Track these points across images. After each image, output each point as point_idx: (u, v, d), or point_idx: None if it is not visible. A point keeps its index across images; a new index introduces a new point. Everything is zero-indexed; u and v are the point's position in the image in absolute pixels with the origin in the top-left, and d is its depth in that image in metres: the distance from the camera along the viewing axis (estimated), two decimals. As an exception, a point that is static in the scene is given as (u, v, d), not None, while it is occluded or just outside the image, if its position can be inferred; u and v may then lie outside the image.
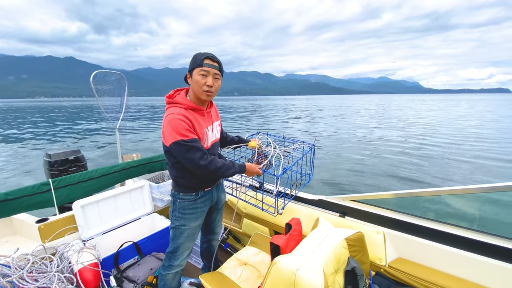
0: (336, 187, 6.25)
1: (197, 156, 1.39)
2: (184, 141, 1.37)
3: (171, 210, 1.65)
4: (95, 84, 2.75)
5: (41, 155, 2.99)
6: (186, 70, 1.52)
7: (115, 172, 2.33)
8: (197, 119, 1.48)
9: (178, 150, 1.39)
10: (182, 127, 1.37)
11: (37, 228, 1.89)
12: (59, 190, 2.01)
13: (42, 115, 33.20)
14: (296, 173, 1.91)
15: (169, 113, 1.42)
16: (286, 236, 1.34)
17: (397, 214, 1.63)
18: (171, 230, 1.66)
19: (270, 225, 2.17)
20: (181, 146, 1.37)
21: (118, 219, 2.28)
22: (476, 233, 1.39)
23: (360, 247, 1.34)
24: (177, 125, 1.37)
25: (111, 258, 1.93)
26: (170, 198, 1.68)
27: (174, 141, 1.37)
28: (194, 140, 1.40)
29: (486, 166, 8.00)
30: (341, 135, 14.11)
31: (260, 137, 2.05)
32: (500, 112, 31.13)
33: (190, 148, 1.38)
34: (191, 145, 1.38)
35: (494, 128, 17.14)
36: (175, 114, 1.39)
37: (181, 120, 1.38)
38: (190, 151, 1.38)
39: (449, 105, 52.34)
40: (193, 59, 1.44)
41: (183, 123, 1.38)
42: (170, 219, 1.67)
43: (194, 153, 1.39)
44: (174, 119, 1.38)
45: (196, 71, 1.41)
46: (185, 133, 1.37)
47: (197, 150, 1.40)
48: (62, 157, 2.81)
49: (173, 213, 1.63)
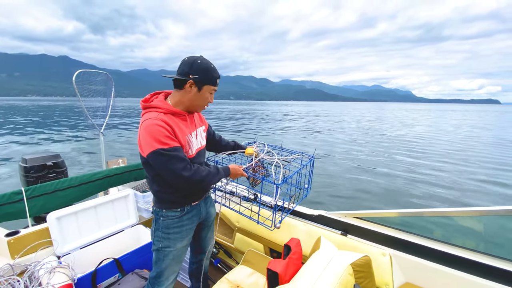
0: (336, 202, 5.93)
1: (180, 167, 1.23)
2: (163, 149, 1.20)
3: (153, 229, 1.47)
4: (78, 84, 2.56)
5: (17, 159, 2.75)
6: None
7: (97, 180, 2.13)
8: (179, 125, 1.32)
9: (157, 160, 1.22)
10: (161, 133, 1.21)
11: (6, 242, 1.69)
12: (33, 199, 1.81)
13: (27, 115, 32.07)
14: (295, 186, 1.78)
15: (145, 119, 1.25)
16: (285, 261, 1.20)
17: (404, 234, 1.51)
18: (154, 252, 1.48)
19: (265, 242, 2.02)
20: (160, 155, 1.20)
21: (99, 232, 2.09)
22: (493, 259, 1.28)
23: (367, 272, 1.21)
24: (155, 132, 1.20)
25: (88, 278, 1.73)
26: (153, 215, 1.49)
27: (152, 150, 1.20)
28: (176, 149, 1.24)
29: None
30: (341, 145, 13.75)
31: (257, 146, 1.92)
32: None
33: (171, 157, 1.21)
34: (172, 154, 1.21)
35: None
36: (152, 119, 1.23)
37: (160, 125, 1.22)
38: (171, 161, 1.21)
39: (454, 115, 51.49)
40: (206, 73, 1.29)
41: (162, 129, 1.22)
42: (152, 240, 1.48)
43: (176, 163, 1.22)
44: (152, 124, 1.21)
45: (207, 88, 1.32)
46: (164, 141, 1.21)
47: (179, 160, 1.23)
48: (40, 162, 2.59)
49: (156, 233, 1.44)
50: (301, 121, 30.35)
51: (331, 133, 19.25)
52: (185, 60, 1.29)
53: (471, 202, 6.17)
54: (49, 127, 19.84)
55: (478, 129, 23.83)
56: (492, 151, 12.75)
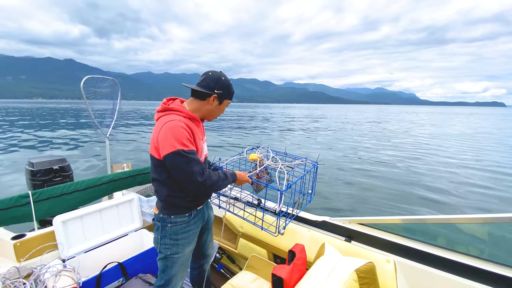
0: (339, 208, 5.84)
1: (197, 170, 1.24)
2: (184, 151, 1.22)
3: (159, 237, 1.44)
4: (85, 89, 2.60)
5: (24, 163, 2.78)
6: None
7: (103, 184, 2.15)
8: (195, 130, 1.35)
9: (176, 161, 1.22)
10: (184, 136, 1.24)
11: (12, 246, 1.70)
12: (40, 203, 1.83)
13: (33, 118, 32.38)
14: (299, 192, 1.78)
15: (168, 120, 1.27)
16: (289, 267, 1.20)
17: (408, 241, 1.51)
18: (160, 261, 1.46)
19: (268, 247, 2.01)
20: (181, 156, 1.21)
21: (103, 236, 2.10)
22: (497, 266, 1.27)
23: (371, 279, 1.21)
24: (179, 133, 1.23)
25: (92, 281, 1.74)
26: (157, 223, 1.45)
27: (173, 151, 1.20)
28: (194, 152, 1.27)
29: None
30: (344, 150, 13.55)
31: (260, 151, 1.93)
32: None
33: (190, 160, 1.23)
34: (191, 157, 1.23)
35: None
36: (176, 121, 1.26)
37: (184, 128, 1.25)
38: (190, 163, 1.23)
39: (461, 119, 50.17)
40: (228, 90, 1.42)
41: (185, 131, 1.25)
42: (158, 249, 1.45)
43: (194, 166, 1.23)
44: (176, 126, 1.24)
45: (226, 102, 1.45)
46: (186, 143, 1.23)
47: (196, 163, 1.25)
48: (46, 166, 2.62)
49: (162, 240, 1.42)
50: (304, 124, 30.25)
51: (334, 136, 19.17)
52: (209, 75, 1.37)
53: (475, 208, 6.11)
54: (54, 130, 20.02)
55: (487, 134, 23.28)
56: (501, 155, 12.59)
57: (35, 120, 28.45)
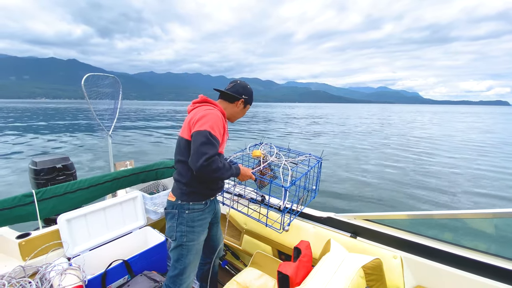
0: (344, 204, 5.82)
1: (211, 153, 1.27)
2: (210, 134, 1.30)
3: (174, 225, 1.46)
4: (86, 87, 2.59)
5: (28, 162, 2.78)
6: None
7: (106, 182, 2.15)
8: (225, 126, 1.52)
9: (198, 139, 1.30)
10: (219, 124, 1.38)
11: (17, 245, 1.71)
12: (43, 202, 1.83)
13: (37, 118, 32.51)
14: (303, 188, 1.76)
15: (207, 108, 1.43)
16: (295, 264, 1.19)
17: (415, 237, 1.49)
18: (175, 249, 1.47)
19: (273, 244, 2.01)
20: (204, 137, 1.29)
21: (108, 234, 2.10)
22: (505, 261, 1.25)
23: (378, 275, 1.19)
24: (216, 120, 1.37)
25: (98, 279, 1.75)
26: (173, 210, 1.47)
27: (201, 129, 1.30)
28: (218, 141, 1.36)
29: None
30: (349, 147, 13.48)
31: (263, 148, 1.91)
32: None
33: (211, 143, 1.29)
34: (213, 142, 1.30)
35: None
36: (216, 110, 1.44)
37: (221, 119, 1.42)
38: (207, 145, 1.28)
39: (466, 118, 49.57)
40: (251, 96, 1.64)
41: (221, 122, 1.41)
42: (174, 236, 1.46)
43: (210, 150, 1.28)
44: (216, 114, 1.40)
45: (248, 107, 1.67)
46: (215, 129, 1.34)
47: (213, 149, 1.29)
48: (49, 165, 2.62)
49: (178, 227, 1.44)
50: (307, 122, 30.15)
51: (338, 134, 19.09)
52: (238, 83, 1.59)
53: (481, 203, 6.07)
54: (57, 129, 20.10)
55: (492, 134, 23.00)
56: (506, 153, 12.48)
57: (38, 120, 28.57)
